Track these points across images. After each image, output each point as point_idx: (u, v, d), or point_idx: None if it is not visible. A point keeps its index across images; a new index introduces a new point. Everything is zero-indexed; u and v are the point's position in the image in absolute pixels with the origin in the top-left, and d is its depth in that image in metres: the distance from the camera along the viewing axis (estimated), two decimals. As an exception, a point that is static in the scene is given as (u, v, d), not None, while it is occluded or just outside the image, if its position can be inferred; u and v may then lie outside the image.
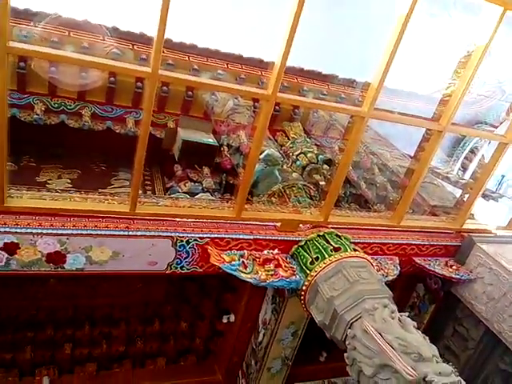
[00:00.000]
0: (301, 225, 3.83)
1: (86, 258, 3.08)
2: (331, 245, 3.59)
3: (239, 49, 5.15)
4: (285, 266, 3.56)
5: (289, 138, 5.39)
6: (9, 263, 2.89)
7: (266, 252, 3.58)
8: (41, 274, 3.10)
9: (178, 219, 3.38)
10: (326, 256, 3.47)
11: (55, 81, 4.16)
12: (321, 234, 3.74)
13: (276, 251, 3.63)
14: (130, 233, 3.14)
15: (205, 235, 3.41)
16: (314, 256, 3.54)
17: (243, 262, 3.43)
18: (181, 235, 3.32)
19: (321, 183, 4.70)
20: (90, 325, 5.02)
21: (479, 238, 4.55)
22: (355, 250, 3.59)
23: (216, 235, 3.45)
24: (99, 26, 4.58)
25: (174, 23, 2.67)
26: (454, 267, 4.48)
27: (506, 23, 3.32)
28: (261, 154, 4.15)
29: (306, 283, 3.45)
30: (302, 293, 3.49)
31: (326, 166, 4.92)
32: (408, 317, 2.96)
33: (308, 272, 3.47)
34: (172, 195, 4.41)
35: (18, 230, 2.83)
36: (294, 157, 4.93)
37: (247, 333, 4.95)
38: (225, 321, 5.00)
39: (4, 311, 4.77)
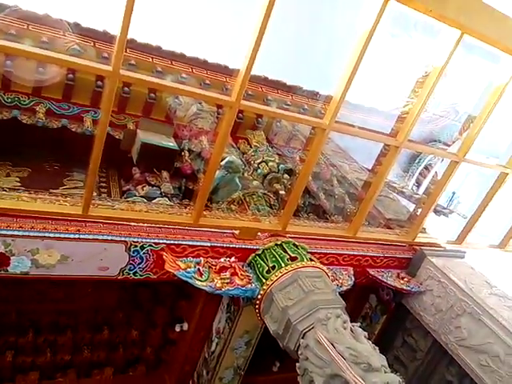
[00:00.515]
0: (259, 233, 3.83)
1: (31, 261, 2.92)
2: (288, 254, 3.60)
3: (205, 54, 5.12)
4: (241, 275, 3.53)
5: (251, 146, 5.40)
6: None
7: (222, 260, 3.55)
8: (-20, 277, 2.91)
9: (133, 223, 3.29)
10: (283, 265, 3.48)
11: (10, 75, 3.96)
12: (278, 243, 3.75)
13: (233, 259, 3.60)
14: (81, 236, 3.02)
15: (160, 241, 3.33)
16: (271, 265, 3.54)
17: (199, 269, 3.37)
18: (135, 240, 3.23)
19: (281, 192, 4.72)
20: (34, 332, 4.75)
21: (430, 251, 4.72)
22: (311, 260, 3.62)
23: (172, 241, 3.38)
24: (60, 21, 4.42)
25: (138, 23, 2.62)
26: (405, 279, 4.61)
27: (463, 46, 3.49)
28: (222, 160, 4.12)
29: (262, 292, 3.43)
30: (258, 302, 3.47)
31: (286, 176, 4.95)
32: (360, 327, 3.01)
33: (264, 281, 3.46)
34: (128, 199, 4.28)
35: (-43, 230, 2.65)
36: (256, 165, 4.93)
37: (200, 342, 4.86)
38: (178, 329, 4.89)
39: None
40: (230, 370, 4.67)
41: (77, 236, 3.00)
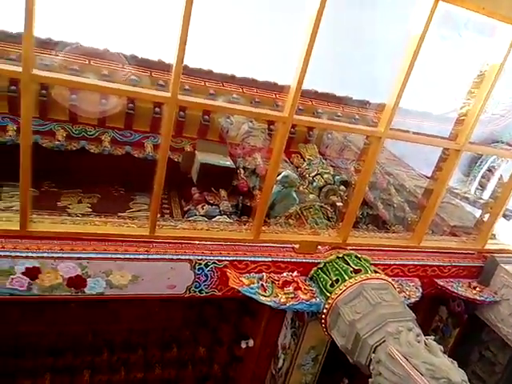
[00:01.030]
0: (319, 246, 3.79)
1: (106, 281, 3.08)
2: (351, 267, 3.54)
3: (254, 73, 5.25)
4: (304, 289, 3.51)
5: (304, 160, 5.40)
6: (30, 288, 2.91)
7: (284, 274, 3.54)
8: (61, 299, 3.11)
9: (196, 242, 3.38)
10: (347, 278, 3.42)
11: (75, 108, 4.27)
12: (340, 255, 3.69)
13: (295, 273, 3.59)
14: (150, 256, 3.15)
15: (223, 258, 3.40)
16: (334, 278, 3.49)
17: (262, 284, 3.39)
18: (199, 258, 3.32)
19: (338, 204, 4.67)
20: (108, 351, 4.99)
21: (502, 258, 4.44)
22: (376, 272, 3.53)
23: (234, 258, 3.43)
24: (118, 55, 4.72)
25: (189, 49, 2.74)
26: (477, 289, 4.36)
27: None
28: (278, 175, 4.16)
29: (327, 306, 3.38)
30: (323, 316, 3.42)
31: (342, 187, 4.90)
32: (434, 340, 2.87)
33: (328, 295, 3.41)
34: (190, 218, 4.42)
35: (40, 255, 2.86)
36: (311, 178, 4.92)
37: (266, 358, 4.85)
38: (244, 346, 4.91)
39: (25, 338, 4.78)
40: (298, 388, 4.61)
41: (145, 256, 3.14)
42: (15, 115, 4.01)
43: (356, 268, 3.51)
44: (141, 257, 3.12)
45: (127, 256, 3.08)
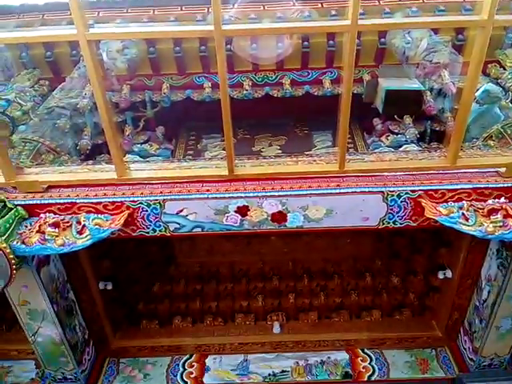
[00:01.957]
0: (533, 167, 3.29)
1: (303, 216, 3.34)
2: None
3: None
4: (516, 216, 3.13)
5: (505, 69, 4.60)
6: (242, 224, 3.37)
7: (490, 202, 3.21)
8: (267, 232, 3.52)
9: (386, 173, 3.33)
10: None
11: (255, 57, 4.47)
12: (561, 176, 3.14)
13: (503, 200, 3.22)
14: (341, 190, 3.26)
15: (416, 188, 3.27)
16: (556, 202, 3.01)
17: (463, 213, 3.16)
18: (391, 189, 3.27)
19: (555, 115, 3.90)
20: (308, 278, 5.49)
21: None
22: None
23: (429, 187, 3.27)
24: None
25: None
26: None
27: None
28: (476, 91, 3.67)
29: (547, 235, 2.98)
30: (542, 245, 3.03)
31: None
32: None
33: (548, 222, 2.98)
34: (375, 150, 4.33)
35: (247, 195, 3.25)
36: (516, 89, 4.19)
37: (468, 289, 4.61)
38: (441, 276, 4.75)
39: (237, 266, 5.63)
40: (507, 319, 4.28)
41: (337, 191, 3.25)
42: (209, 73, 4.47)
43: None
44: (333, 191, 3.25)
45: (320, 191, 3.26)
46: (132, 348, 5.22)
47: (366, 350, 5.11)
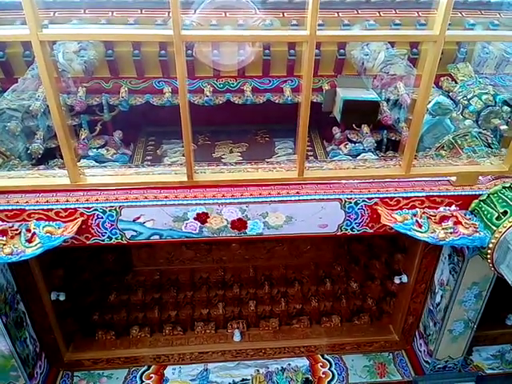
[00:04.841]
0: (480, 177, 3.45)
1: (263, 223, 3.34)
2: (522, 196, 3.15)
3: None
4: (465, 223, 3.28)
5: (456, 82, 4.82)
6: (202, 231, 3.32)
7: (441, 209, 3.34)
8: (228, 240, 3.49)
9: (344, 181, 3.39)
10: (517, 209, 3.07)
11: (217, 63, 4.45)
12: (507, 185, 3.31)
13: (453, 208, 3.35)
14: (301, 197, 3.28)
15: (373, 195, 3.35)
16: (501, 210, 3.17)
17: (417, 220, 3.27)
18: (349, 197, 3.33)
19: (501, 128, 4.11)
20: (268, 285, 5.49)
21: None
22: (554, 201, 3.08)
23: (384, 195, 3.36)
24: (247, 2, 4.71)
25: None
26: None
27: None
28: (428, 103, 3.81)
29: (493, 241, 3.13)
30: (489, 251, 3.18)
31: (506, 108, 4.27)
32: None
33: (494, 228, 3.13)
34: (334, 158, 4.41)
35: (206, 202, 3.21)
36: (466, 102, 4.39)
37: (422, 294, 4.77)
38: (397, 281, 4.89)
39: (198, 273, 5.55)
40: (459, 323, 4.46)
41: (297, 198, 3.28)
42: (169, 78, 4.41)
43: (528, 198, 3.12)
44: (292, 198, 3.27)
45: (280, 198, 3.27)
46: (86, 361, 5.01)
47: (325, 356, 5.17)
